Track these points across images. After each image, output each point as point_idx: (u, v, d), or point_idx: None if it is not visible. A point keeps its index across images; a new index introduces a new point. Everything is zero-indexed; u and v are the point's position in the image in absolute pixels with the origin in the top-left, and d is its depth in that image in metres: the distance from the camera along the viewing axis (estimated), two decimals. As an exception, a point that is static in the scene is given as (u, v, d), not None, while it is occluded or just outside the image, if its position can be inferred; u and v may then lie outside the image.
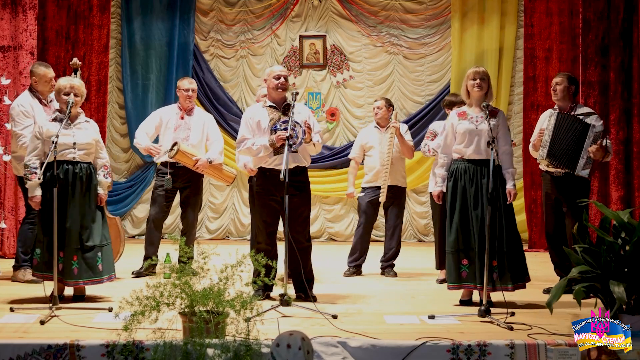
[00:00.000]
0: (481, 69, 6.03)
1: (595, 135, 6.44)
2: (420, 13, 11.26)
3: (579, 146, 6.44)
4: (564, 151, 6.48)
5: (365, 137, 7.90)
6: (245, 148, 6.20)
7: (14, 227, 8.57)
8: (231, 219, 11.43)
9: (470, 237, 5.84)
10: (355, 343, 4.52)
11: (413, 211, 11.30)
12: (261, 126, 6.16)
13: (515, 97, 11.06)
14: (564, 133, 6.48)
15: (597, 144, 6.40)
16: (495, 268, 5.75)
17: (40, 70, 6.96)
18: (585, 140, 6.44)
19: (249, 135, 6.20)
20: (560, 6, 10.19)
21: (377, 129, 7.82)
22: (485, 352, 4.49)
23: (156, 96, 11.18)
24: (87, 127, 6.03)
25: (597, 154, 6.43)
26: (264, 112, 6.22)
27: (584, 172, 6.46)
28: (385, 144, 7.65)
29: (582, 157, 6.45)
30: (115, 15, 11.10)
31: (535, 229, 10.21)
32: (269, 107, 6.25)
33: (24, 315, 5.26)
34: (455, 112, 6.15)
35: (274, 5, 11.28)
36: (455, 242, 5.88)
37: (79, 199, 5.85)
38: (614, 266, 4.74)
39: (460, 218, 5.88)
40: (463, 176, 5.92)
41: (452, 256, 5.89)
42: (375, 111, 7.81)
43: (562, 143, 6.48)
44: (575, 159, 6.46)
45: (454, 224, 5.90)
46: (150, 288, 4.44)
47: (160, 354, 4.25)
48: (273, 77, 6.23)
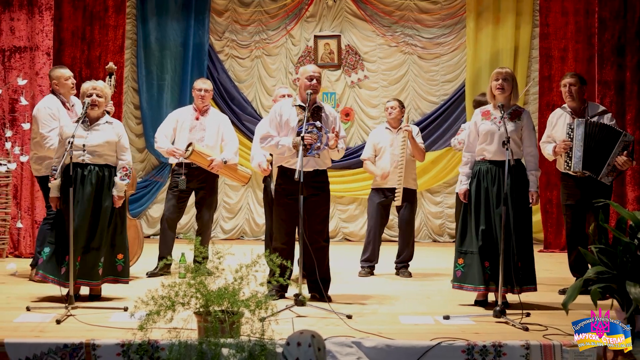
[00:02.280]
0: (504, 70, 5.96)
1: (625, 144, 6.38)
2: (435, 13, 11.24)
3: (607, 153, 6.39)
4: (594, 158, 6.42)
5: (376, 138, 7.88)
6: (269, 146, 6.13)
7: (30, 227, 8.62)
8: (246, 219, 11.44)
9: (492, 238, 5.80)
10: (370, 343, 4.52)
11: (428, 211, 11.28)
12: (289, 125, 6.09)
13: (531, 97, 11.02)
14: (596, 144, 6.41)
15: (625, 155, 6.34)
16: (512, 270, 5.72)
17: (57, 72, 7.01)
18: (614, 148, 6.38)
19: (274, 132, 6.13)
20: (576, 5, 10.14)
21: (389, 130, 7.80)
22: (501, 352, 4.48)
23: (171, 96, 11.21)
24: (106, 129, 5.99)
25: (625, 166, 6.38)
26: (293, 111, 6.15)
27: (608, 178, 6.41)
28: (397, 146, 7.64)
29: (607, 164, 6.39)
30: (130, 15, 11.14)
31: (550, 229, 10.18)
32: (298, 106, 6.17)
33: (40, 315, 5.28)
34: (479, 110, 6.11)
35: (289, 6, 11.28)
36: (477, 243, 5.81)
37: (87, 201, 5.83)
38: (630, 267, 4.71)
39: (484, 220, 5.83)
40: (485, 177, 5.88)
41: (477, 257, 5.80)
42: (389, 111, 7.79)
43: (596, 153, 6.42)
44: (601, 165, 6.41)
45: (475, 226, 5.84)
46: (165, 288, 4.46)
47: (175, 353, 4.26)
48: (306, 77, 6.13)
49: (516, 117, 5.91)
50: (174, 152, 7.37)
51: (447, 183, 11.19)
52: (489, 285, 5.80)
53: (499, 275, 5.52)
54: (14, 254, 8.71)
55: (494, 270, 5.72)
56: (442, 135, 11.09)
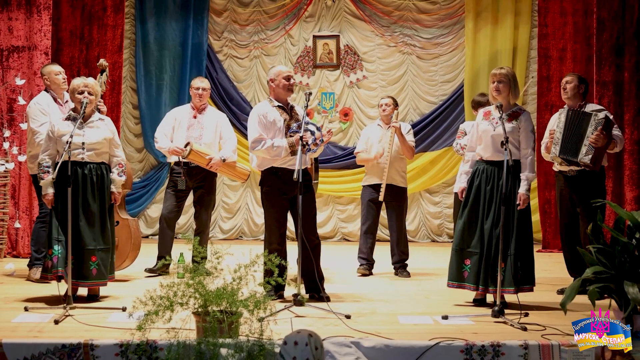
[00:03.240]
0: (499, 71, 5.95)
1: (597, 123, 6.37)
2: (434, 13, 11.24)
3: (583, 135, 6.40)
4: (571, 144, 6.44)
5: (368, 133, 7.96)
6: (265, 149, 6.07)
7: (28, 227, 8.62)
8: (244, 219, 11.44)
9: (474, 237, 5.84)
10: (369, 343, 4.52)
11: (426, 211, 11.29)
12: (276, 125, 6.12)
13: (529, 97, 11.02)
14: (572, 128, 6.44)
15: (598, 130, 6.33)
16: (503, 270, 5.73)
17: (47, 68, 7.08)
18: (588, 129, 6.38)
19: (265, 135, 6.14)
20: (575, 6, 10.16)
21: (380, 126, 7.86)
22: (499, 352, 4.48)
23: (170, 96, 11.21)
24: (100, 126, 5.97)
25: (598, 141, 6.34)
26: (276, 112, 6.19)
27: (586, 158, 6.37)
28: (386, 142, 7.69)
29: (584, 144, 6.39)
30: (129, 15, 11.13)
31: (549, 229, 10.19)
32: (277, 107, 6.22)
33: (38, 315, 5.28)
34: (482, 111, 6.12)
35: (288, 6, 11.28)
36: (461, 241, 5.90)
37: (89, 200, 5.83)
38: (629, 267, 4.71)
39: (469, 217, 5.89)
40: (480, 176, 5.91)
41: (455, 254, 5.91)
42: (384, 108, 7.82)
43: (571, 137, 6.45)
44: (578, 148, 6.42)
45: (462, 223, 5.91)
46: (163, 288, 4.46)
47: (173, 353, 4.26)
48: (283, 78, 6.21)
49: (514, 119, 5.91)
50: (176, 151, 7.35)
51: (445, 183, 11.20)
52: (464, 282, 5.88)
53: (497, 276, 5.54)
54: (12, 254, 8.70)
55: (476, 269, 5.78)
56: (441, 135, 11.10)
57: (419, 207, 11.30)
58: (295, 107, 6.33)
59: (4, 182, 8.51)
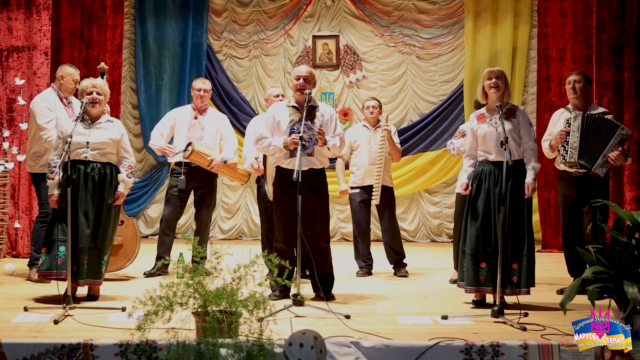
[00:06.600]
0: (496, 68, 5.96)
1: (622, 137, 6.36)
2: (434, 13, 11.24)
3: (604, 144, 6.38)
4: (593, 150, 6.40)
5: (353, 136, 7.92)
6: (262, 147, 6.21)
7: (28, 227, 8.61)
8: (244, 219, 11.45)
9: (489, 240, 5.78)
10: (368, 343, 4.52)
11: (426, 211, 11.29)
12: (281, 127, 6.13)
13: (529, 98, 11.02)
14: (592, 135, 6.39)
15: (619, 150, 6.32)
16: (516, 271, 5.72)
17: (67, 69, 7.07)
18: (612, 140, 6.36)
19: (268, 134, 6.18)
20: (574, 6, 10.16)
21: (366, 128, 7.87)
22: (499, 352, 4.48)
23: (169, 96, 11.21)
24: (108, 127, 5.99)
25: (617, 161, 6.35)
26: (286, 112, 6.18)
27: (601, 170, 6.38)
28: (375, 144, 7.71)
29: (603, 155, 6.37)
30: (128, 15, 11.13)
31: (548, 229, 10.19)
32: (291, 107, 6.21)
33: (38, 315, 5.27)
34: (474, 115, 6.07)
35: (287, 6, 11.28)
36: (475, 245, 5.81)
37: (90, 199, 5.83)
38: (628, 267, 4.72)
39: (483, 220, 5.81)
40: (488, 178, 5.84)
41: (470, 258, 5.82)
42: (371, 110, 7.84)
43: (592, 144, 6.39)
44: (596, 156, 6.40)
45: (475, 227, 5.83)
46: (163, 288, 4.46)
47: (173, 353, 4.26)
48: (294, 78, 6.21)
49: (512, 116, 5.90)
50: (165, 151, 7.39)
51: (445, 183, 11.20)
52: (481, 286, 5.81)
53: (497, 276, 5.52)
54: (12, 254, 8.70)
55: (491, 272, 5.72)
56: (440, 135, 11.09)
57: (418, 207, 11.30)
58: (318, 107, 6.23)
59: (4, 182, 8.50)
